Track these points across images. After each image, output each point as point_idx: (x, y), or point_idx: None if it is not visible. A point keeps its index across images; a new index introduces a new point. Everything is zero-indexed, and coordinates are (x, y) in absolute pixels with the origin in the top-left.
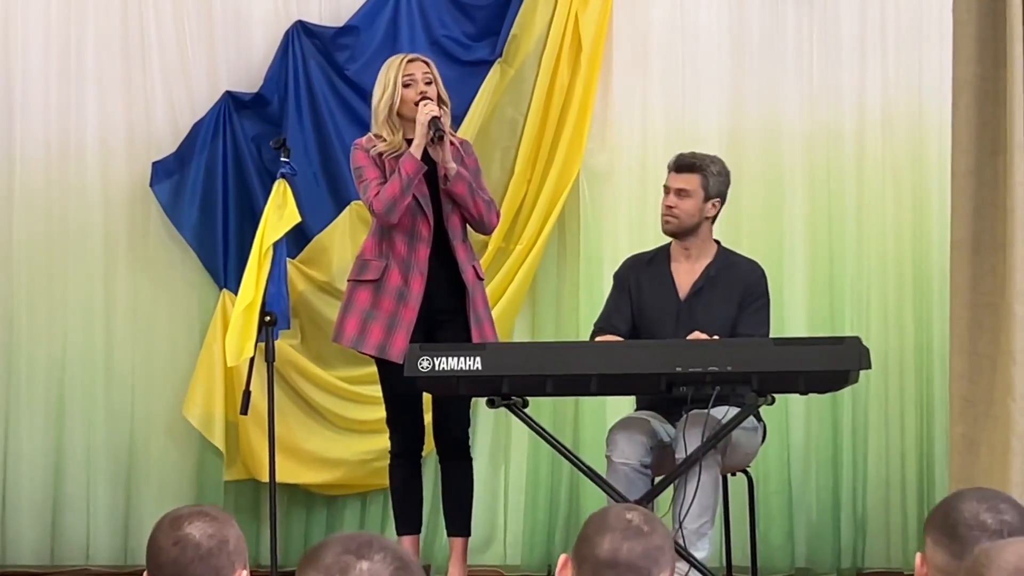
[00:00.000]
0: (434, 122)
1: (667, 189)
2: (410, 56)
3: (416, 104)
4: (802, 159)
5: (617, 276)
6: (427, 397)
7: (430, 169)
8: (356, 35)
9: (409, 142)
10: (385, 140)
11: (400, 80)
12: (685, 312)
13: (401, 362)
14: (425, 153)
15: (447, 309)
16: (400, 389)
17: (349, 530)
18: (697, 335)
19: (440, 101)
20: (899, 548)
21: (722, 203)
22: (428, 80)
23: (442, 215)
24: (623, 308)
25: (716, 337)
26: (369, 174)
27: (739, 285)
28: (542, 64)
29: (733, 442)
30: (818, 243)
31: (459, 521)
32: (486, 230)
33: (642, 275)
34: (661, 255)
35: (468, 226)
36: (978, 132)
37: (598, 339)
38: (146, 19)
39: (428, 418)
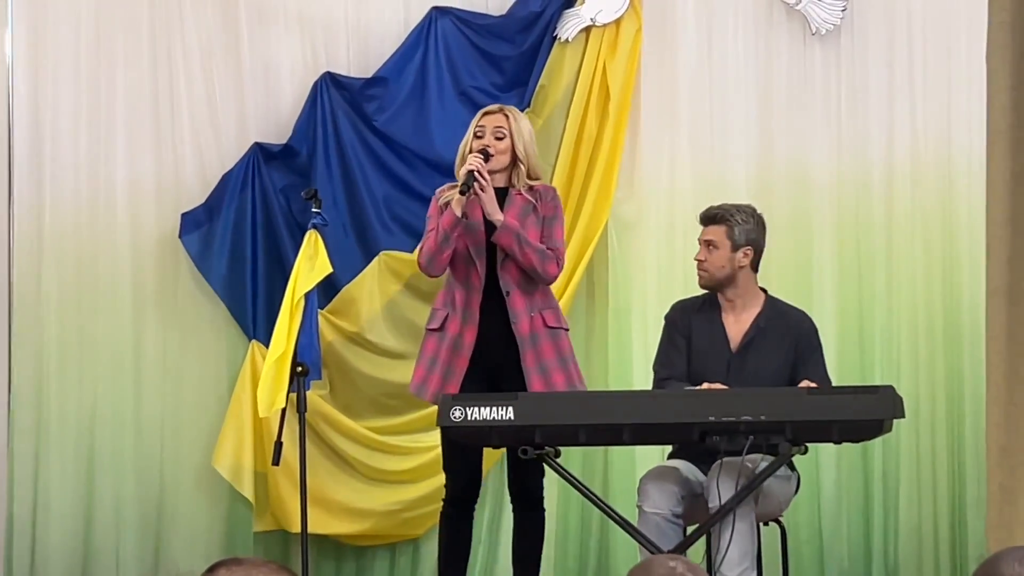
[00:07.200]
0: (468, 175)
1: (699, 242)
2: (490, 108)
3: None
4: (830, 207)
5: (669, 319)
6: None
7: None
8: (384, 86)
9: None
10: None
11: (474, 131)
12: (736, 363)
13: None
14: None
15: (504, 359)
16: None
17: None
18: (807, 384)
19: (514, 157)
20: None
21: (756, 251)
22: (500, 135)
23: (495, 265)
24: (681, 350)
25: (813, 384)
26: (429, 224)
27: (791, 335)
28: (570, 114)
29: (766, 491)
30: (847, 292)
31: (529, 570)
32: (543, 280)
33: (693, 321)
34: (710, 303)
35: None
36: (1014, 181)
37: (703, 387)
38: (175, 71)
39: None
